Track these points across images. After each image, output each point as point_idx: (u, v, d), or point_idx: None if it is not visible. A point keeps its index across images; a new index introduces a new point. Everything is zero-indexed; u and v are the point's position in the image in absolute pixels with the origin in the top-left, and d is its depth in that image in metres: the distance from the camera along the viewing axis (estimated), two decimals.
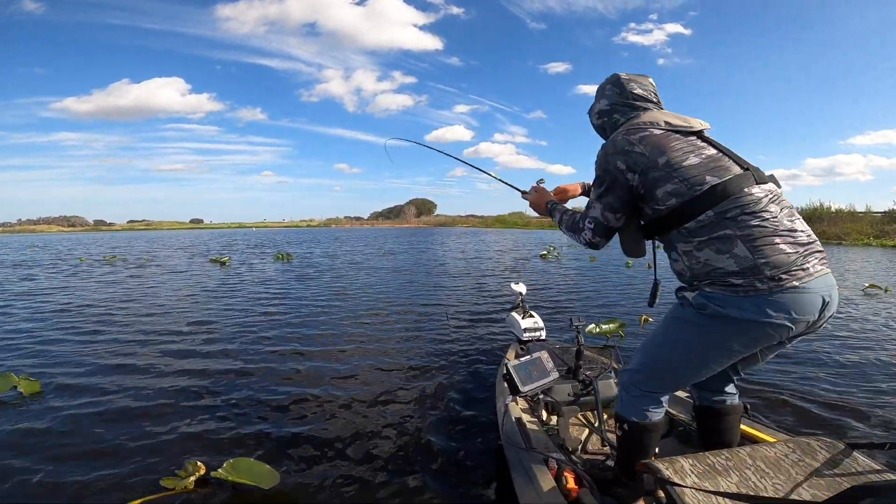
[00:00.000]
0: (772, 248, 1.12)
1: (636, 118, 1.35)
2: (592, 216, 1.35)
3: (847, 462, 1.16)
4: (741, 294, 1.12)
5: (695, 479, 1.07)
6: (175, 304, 6.26)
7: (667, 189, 1.21)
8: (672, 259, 1.30)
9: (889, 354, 3.80)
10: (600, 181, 1.32)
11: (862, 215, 29.36)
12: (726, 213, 1.15)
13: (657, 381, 1.34)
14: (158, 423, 2.52)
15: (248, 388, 3.05)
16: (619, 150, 1.27)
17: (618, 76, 1.45)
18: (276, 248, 19.18)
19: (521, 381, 1.88)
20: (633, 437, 1.37)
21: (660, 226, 1.28)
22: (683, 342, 1.26)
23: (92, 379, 3.22)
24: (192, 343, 4.19)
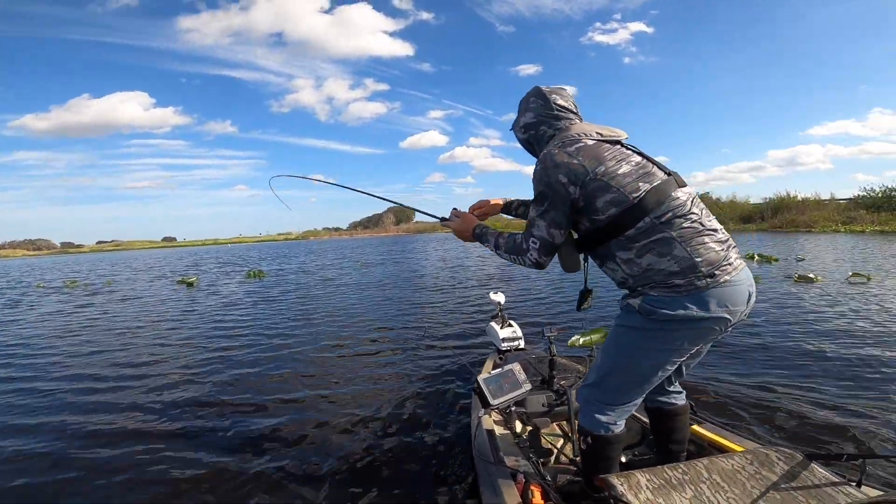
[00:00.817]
0: (704, 246, 1.20)
1: (565, 130, 1.37)
2: (537, 235, 1.33)
3: (804, 475, 1.17)
4: (683, 293, 1.18)
5: (649, 494, 1.08)
6: (130, 334, 5.76)
7: (606, 199, 1.23)
8: (610, 269, 1.34)
9: (863, 356, 3.61)
10: (542, 197, 1.30)
11: (827, 202, 30.27)
12: (661, 217, 1.21)
13: (616, 391, 1.36)
14: (96, 471, 2.28)
15: (209, 419, 2.86)
16: (558, 164, 1.27)
17: (539, 89, 1.46)
18: (250, 265, 18.52)
19: (492, 394, 1.88)
20: (596, 449, 1.39)
21: (598, 237, 1.29)
22: (636, 348, 1.29)
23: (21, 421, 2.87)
24: (142, 383, 3.76)
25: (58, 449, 2.55)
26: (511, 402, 1.94)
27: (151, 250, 79.43)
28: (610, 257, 1.31)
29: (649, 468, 1.19)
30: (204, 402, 3.16)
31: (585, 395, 1.42)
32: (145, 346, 5.00)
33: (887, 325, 4.49)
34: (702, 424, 1.82)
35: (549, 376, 2.21)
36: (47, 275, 19.33)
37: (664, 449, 1.59)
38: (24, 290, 12.47)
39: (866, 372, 3.27)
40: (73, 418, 3.00)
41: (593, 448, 1.40)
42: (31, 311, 8.41)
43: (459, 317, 6.02)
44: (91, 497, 2.07)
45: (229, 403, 3.12)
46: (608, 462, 1.40)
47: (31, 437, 2.72)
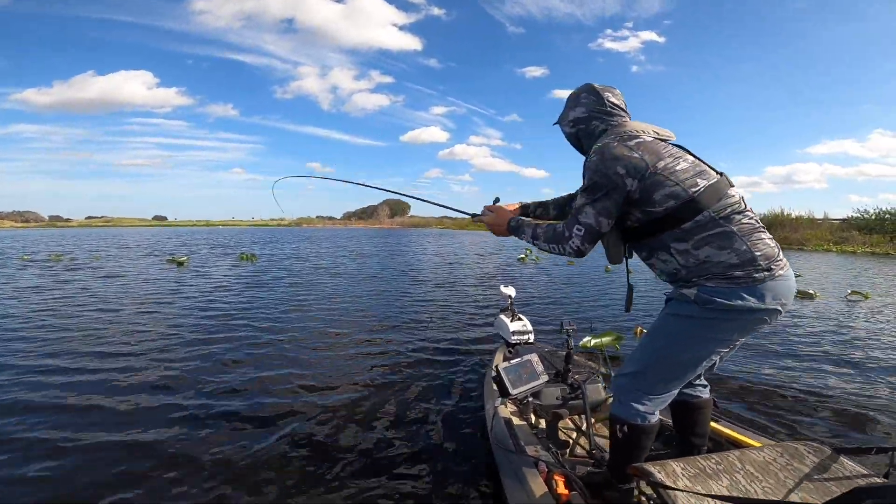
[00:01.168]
0: (762, 241, 1.25)
1: (619, 126, 1.40)
2: (584, 222, 1.34)
3: (835, 467, 1.18)
4: (742, 285, 1.22)
5: (686, 482, 1.09)
6: (117, 310, 5.58)
7: (664, 192, 1.27)
8: (661, 260, 1.35)
9: (874, 360, 3.86)
10: (596, 187, 1.31)
11: (821, 222, 30.59)
12: (719, 212, 1.25)
13: (661, 380, 1.37)
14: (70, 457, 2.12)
15: (214, 397, 2.79)
16: (617, 156, 1.28)
17: (592, 86, 1.49)
18: (243, 247, 18.25)
19: (511, 383, 1.88)
20: (632, 439, 1.38)
21: (652, 228, 1.32)
22: (688, 337, 1.31)
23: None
24: (127, 360, 3.59)
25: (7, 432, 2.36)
26: (528, 393, 1.95)
27: (141, 228, 78.36)
28: (663, 248, 1.33)
29: (682, 458, 1.20)
30: (198, 388, 3.00)
31: (623, 384, 1.42)
32: (129, 327, 4.81)
33: (886, 335, 4.68)
34: (719, 422, 1.84)
35: (564, 370, 2.20)
36: (33, 247, 18.82)
37: (686, 442, 1.60)
38: (4, 262, 12.10)
39: (879, 374, 3.46)
40: (31, 398, 2.82)
41: (629, 437, 1.38)
42: (6, 284, 8.13)
43: (461, 309, 5.97)
44: (50, 486, 1.92)
45: (225, 392, 2.95)
46: (641, 452, 1.40)
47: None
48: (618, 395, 1.43)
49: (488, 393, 2.28)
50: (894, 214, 25.85)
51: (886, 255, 19.82)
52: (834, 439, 2.33)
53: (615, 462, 1.45)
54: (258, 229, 63.69)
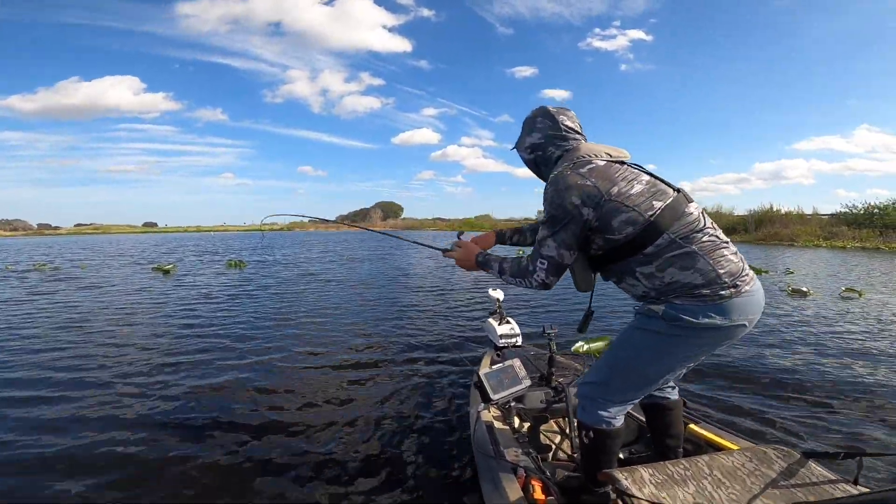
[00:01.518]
0: (724, 259, 1.24)
1: (574, 151, 1.38)
2: (546, 255, 1.33)
3: (801, 472, 1.19)
4: (709, 302, 1.22)
5: (653, 489, 1.09)
6: (97, 322, 5.37)
7: (621, 219, 1.25)
8: (630, 285, 1.35)
9: (864, 360, 3.82)
10: (554, 219, 1.30)
11: (810, 217, 30.80)
12: (678, 233, 1.24)
13: (623, 390, 1.39)
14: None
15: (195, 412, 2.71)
16: (570, 185, 1.27)
17: (546, 109, 1.46)
18: (231, 253, 17.99)
19: (493, 388, 1.89)
20: (598, 444, 1.41)
21: (615, 255, 1.31)
22: (653, 352, 1.32)
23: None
24: (105, 374, 3.42)
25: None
26: (511, 398, 1.95)
27: (131, 235, 77.45)
28: (629, 273, 1.33)
29: (651, 463, 1.20)
30: (177, 401, 2.91)
31: (587, 391, 1.44)
32: (106, 340, 4.62)
33: (884, 336, 4.59)
34: (699, 424, 1.84)
35: (547, 373, 2.20)
36: (17, 257, 18.45)
37: (661, 444, 1.62)
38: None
39: (865, 377, 3.39)
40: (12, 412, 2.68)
41: (595, 443, 1.41)
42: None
43: (452, 313, 5.91)
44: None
45: (208, 399, 2.92)
46: (609, 456, 1.42)
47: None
48: (582, 402, 1.45)
49: (473, 399, 2.28)
50: (882, 209, 26.01)
51: (877, 249, 19.95)
52: (810, 442, 2.36)
53: (586, 466, 1.47)
54: (249, 234, 63.15)
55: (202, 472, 2.10)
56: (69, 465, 2.18)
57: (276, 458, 2.20)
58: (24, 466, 2.17)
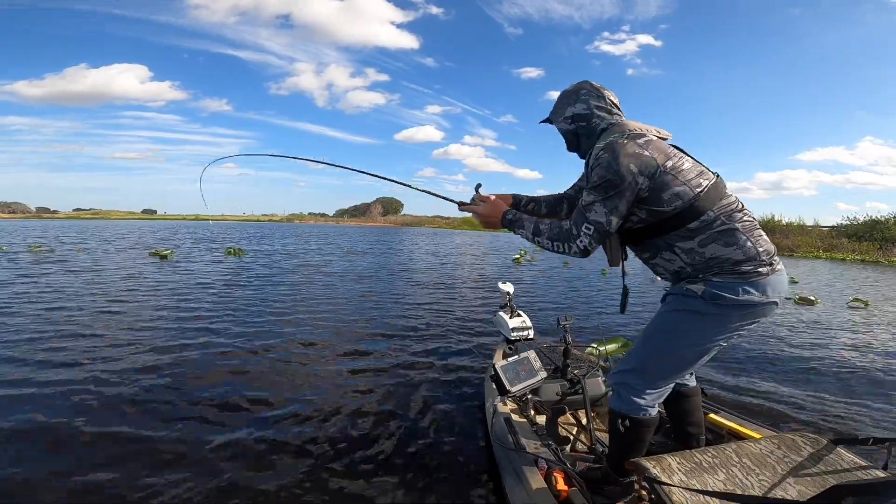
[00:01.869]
0: (762, 238, 1.29)
1: (623, 124, 1.38)
2: (594, 220, 1.30)
3: (830, 458, 1.18)
4: (749, 279, 1.24)
5: (682, 477, 1.08)
6: (95, 301, 5.28)
7: (673, 191, 1.27)
8: (666, 260, 1.35)
9: (873, 362, 3.90)
10: (608, 185, 1.28)
11: (811, 228, 30.89)
12: (723, 210, 1.27)
13: (660, 375, 1.38)
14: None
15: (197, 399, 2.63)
16: (630, 153, 1.27)
17: (591, 83, 1.46)
18: (231, 242, 17.86)
19: (509, 381, 1.88)
20: (633, 433, 1.39)
21: (657, 229, 1.31)
22: (692, 332, 1.32)
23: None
24: (102, 357, 3.33)
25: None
26: (527, 390, 1.94)
27: (131, 221, 77.10)
28: (667, 248, 1.34)
29: (678, 452, 1.20)
30: (178, 393, 2.78)
31: (623, 379, 1.42)
32: (101, 321, 4.53)
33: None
34: (719, 413, 1.84)
35: (563, 365, 2.18)
36: (13, 238, 18.29)
37: (683, 432, 1.62)
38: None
39: (880, 376, 3.51)
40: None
41: (630, 431, 1.39)
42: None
43: (459, 308, 5.84)
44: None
45: (215, 394, 2.78)
46: (641, 445, 1.41)
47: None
48: (618, 389, 1.44)
49: (488, 391, 2.27)
50: (883, 223, 26.04)
51: (877, 262, 19.95)
52: (831, 432, 2.33)
53: (615, 456, 1.46)
54: (249, 224, 62.98)
55: (213, 461, 2.03)
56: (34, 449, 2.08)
57: (289, 450, 2.16)
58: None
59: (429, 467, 2.06)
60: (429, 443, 2.29)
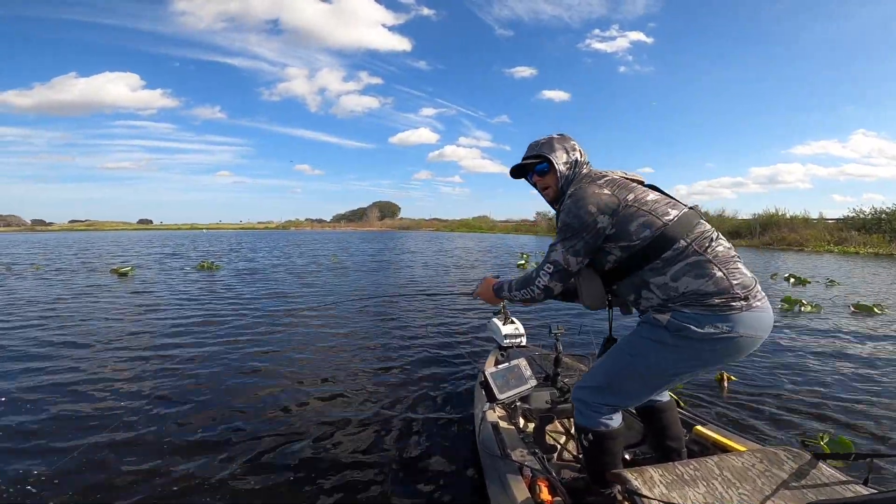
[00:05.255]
0: (738, 271, 1.26)
1: (588, 173, 1.46)
2: (553, 259, 1.38)
3: (812, 473, 1.19)
4: (718, 313, 1.21)
5: (663, 489, 1.09)
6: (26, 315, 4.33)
7: (638, 222, 1.30)
8: (645, 299, 1.35)
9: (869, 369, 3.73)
10: (567, 227, 1.34)
11: (815, 222, 30.14)
12: (694, 240, 1.27)
13: (621, 397, 1.41)
14: None
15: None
16: (588, 195, 1.32)
17: (570, 137, 1.57)
18: (211, 254, 16.94)
19: (499, 388, 1.87)
20: (599, 446, 1.41)
21: (632, 263, 1.32)
22: (656, 361, 1.31)
23: None
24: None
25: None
26: (517, 398, 1.93)
27: (124, 231, 76.29)
28: (643, 286, 1.33)
29: (661, 464, 1.21)
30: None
31: (585, 396, 1.44)
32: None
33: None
34: (705, 425, 1.83)
35: (553, 373, 2.18)
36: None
37: (663, 447, 1.61)
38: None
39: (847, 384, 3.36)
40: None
41: (595, 445, 1.41)
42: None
43: (454, 313, 5.66)
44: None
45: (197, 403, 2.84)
46: (612, 457, 1.42)
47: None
48: (580, 406, 1.45)
49: (478, 398, 2.29)
50: (891, 214, 25.31)
51: (890, 256, 19.18)
52: (815, 445, 2.32)
53: (590, 468, 1.47)
54: (243, 232, 62.14)
55: (200, 477, 2.02)
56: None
57: (275, 459, 2.16)
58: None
59: (414, 472, 2.06)
60: (415, 448, 2.29)
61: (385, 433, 2.42)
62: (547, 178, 1.53)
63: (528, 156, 1.56)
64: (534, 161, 1.54)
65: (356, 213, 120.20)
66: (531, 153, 1.56)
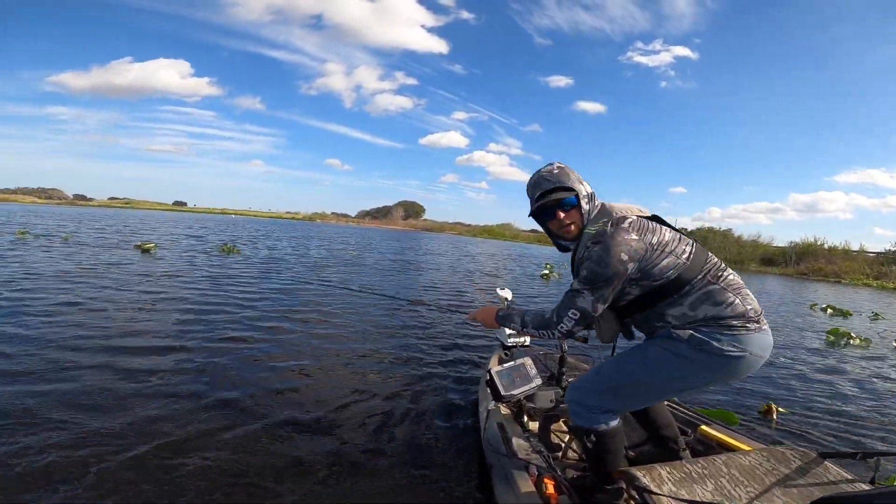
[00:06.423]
0: (749, 297, 1.35)
1: (608, 208, 1.45)
2: (581, 307, 1.36)
3: (818, 471, 1.21)
4: (735, 333, 1.28)
5: (671, 486, 1.11)
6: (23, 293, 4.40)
7: (663, 264, 1.34)
8: (658, 327, 1.40)
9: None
10: (597, 277, 1.32)
11: (856, 254, 28.82)
12: (709, 272, 1.35)
13: (626, 401, 1.46)
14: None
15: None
16: (619, 243, 1.31)
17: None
18: (235, 238, 17.24)
19: (504, 386, 1.90)
20: (602, 445, 1.43)
21: (652, 300, 1.36)
22: (670, 372, 1.35)
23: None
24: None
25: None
26: (522, 396, 1.95)
27: (158, 212, 78.85)
28: (658, 318, 1.38)
29: (669, 462, 1.23)
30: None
31: (583, 397, 1.46)
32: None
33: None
34: (710, 425, 1.84)
35: (558, 372, 2.19)
36: (12, 224, 18.11)
37: (659, 437, 1.65)
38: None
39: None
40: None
41: (599, 444, 1.43)
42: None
43: (459, 311, 5.16)
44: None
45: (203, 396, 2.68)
46: (616, 454, 1.44)
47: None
48: (575, 407, 1.47)
49: (482, 396, 2.30)
50: None
51: None
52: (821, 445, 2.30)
53: (595, 468, 1.49)
54: (270, 221, 63.44)
55: (193, 465, 1.96)
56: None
57: (275, 452, 2.12)
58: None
59: (419, 470, 2.05)
60: (420, 446, 2.29)
61: (390, 430, 2.41)
62: (573, 212, 1.45)
63: (553, 188, 1.44)
64: (565, 195, 1.44)
65: (381, 210, 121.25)
66: (553, 186, 1.44)
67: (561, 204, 1.45)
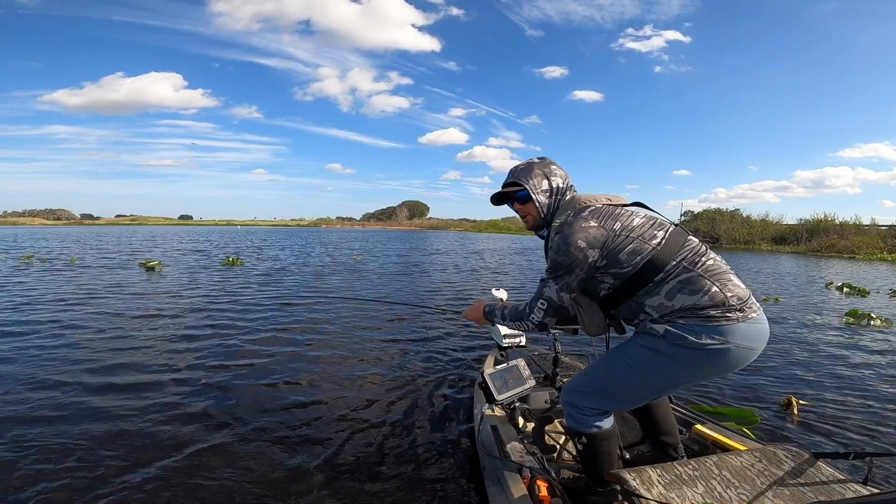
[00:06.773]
0: (731, 283, 1.26)
1: (573, 199, 1.44)
2: (546, 296, 1.38)
3: (811, 472, 1.19)
4: (715, 324, 1.21)
5: (661, 489, 1.09)
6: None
7: (629, 250, 1.30)
8: (640, 321, 1.36)
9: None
10: (558, 266, 1.34)
11: (868, 228, 28.29)
12: (685, 258, 1.28)
13: (615, 401, 1.42)
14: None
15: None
16: (575, 231, 1.32)
17: (552, 161, 1.54)
18: (242, 249, 17.23)
19: (497, 389, 1.87)
20: (593, 448, 1.43)
21: (626, 288, 1.32)
22: (651, 370, 1.31)
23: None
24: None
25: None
26: (515, 398, 1.93)
27: (165, 226, 79.52)
28: (639, 309, 1.34)
29: (660, 464, 1.20)
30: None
31: (575, 399, 1.44)
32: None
33: None
34: (705, 424, 1.81)
35: (552, 373, 2.20)
36: (22, 246, 18.24)
37: (659, 443, 1.61)
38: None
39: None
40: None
41: (591, 446, 1.43)
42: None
43: (455, 314, 5.27)
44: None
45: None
46: (608, 457, 1.42)
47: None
48: (569, 409, 1.46)
49: (477, 398, 2.29)
50: None
51: None
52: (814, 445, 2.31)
53: (587, 469, 1.48)
54: (276, 229, 63.67)
55: (188, 467, 2.05)
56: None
57: (269, 455, 2.17)
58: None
59: (413, 473, 2.06)
60: (414, 448, 2.28)
61: (384, 434, 2.42)
62: (528, 205, 1.51)
63: (507, 182, 1.54)
64: (514, 189, 1.51)
65: (385, 212, 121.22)
66: (509, 180, 1.53)
67: (516, 196, 1.51)
